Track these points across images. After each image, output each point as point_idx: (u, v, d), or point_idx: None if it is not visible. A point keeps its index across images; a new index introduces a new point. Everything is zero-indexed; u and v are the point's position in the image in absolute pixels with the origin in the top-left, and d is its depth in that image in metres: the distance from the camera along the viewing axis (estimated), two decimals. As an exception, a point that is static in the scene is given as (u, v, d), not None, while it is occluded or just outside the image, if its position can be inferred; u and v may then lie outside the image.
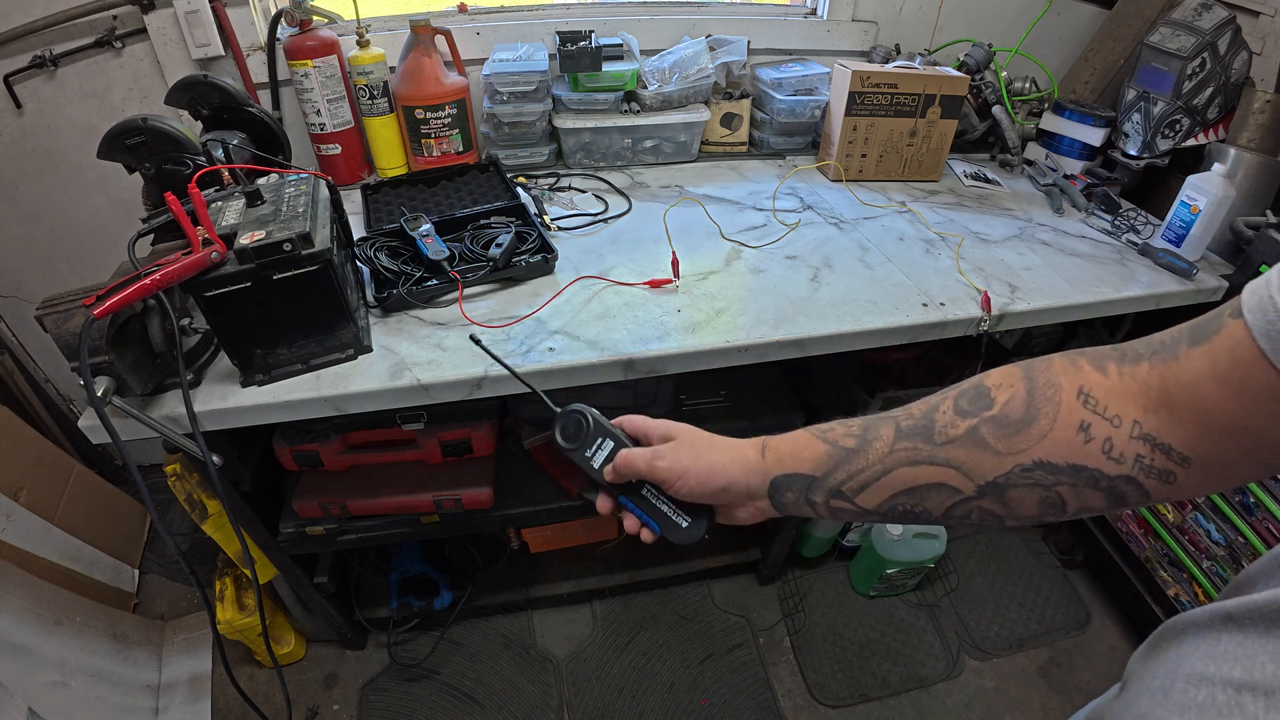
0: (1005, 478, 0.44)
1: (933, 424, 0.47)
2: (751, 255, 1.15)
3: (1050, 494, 0.43)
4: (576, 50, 1.30)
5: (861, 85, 1.31)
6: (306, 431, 1.10)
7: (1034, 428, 0.43)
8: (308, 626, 1.49)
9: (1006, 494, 0.44)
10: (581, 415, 0.60)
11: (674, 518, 0.57)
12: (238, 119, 1.08)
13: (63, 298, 0.76)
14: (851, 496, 0.49)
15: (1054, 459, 0.42)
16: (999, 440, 0.44)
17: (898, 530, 1.52)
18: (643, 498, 0.58)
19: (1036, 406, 0.43)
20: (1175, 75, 1.26)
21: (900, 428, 0.48)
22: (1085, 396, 0.42)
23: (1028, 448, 0.43)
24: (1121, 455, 0.41)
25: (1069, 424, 0.42)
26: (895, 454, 0.48)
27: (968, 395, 0.47)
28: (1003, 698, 1.48)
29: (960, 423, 0.46)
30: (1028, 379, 0.45)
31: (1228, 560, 1.25)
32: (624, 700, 1.46)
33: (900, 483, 0.47)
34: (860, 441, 0.49)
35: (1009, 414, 0.44)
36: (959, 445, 0.45)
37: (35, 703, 1.11)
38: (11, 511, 1.32)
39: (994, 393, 0.46)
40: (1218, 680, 0.33)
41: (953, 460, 0.45)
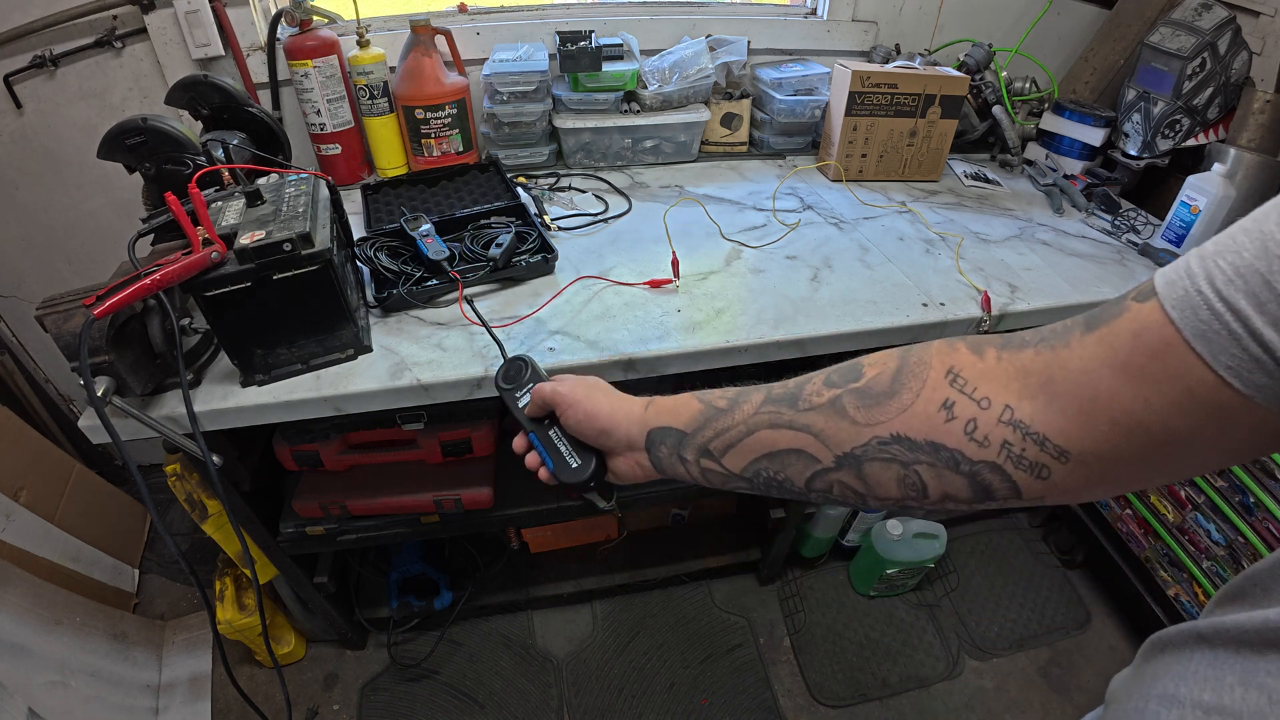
0: (863, 450, 0.43)
1: (800, 392, 0.47)
2: (751, 255, 1.15)
3: (909, 473, 0.42)
4: (576, 50, 1.30)
5: (861, 85, 1.31)
6: (306, 431, 1.10)
7: (895, 401, 0.42)
8: (308, 626, 1.49)
9: (864, 467, 0.43)
10: (524, 362, 0.69)
11: (567, 458, 0.61)
12: (238, 119, 1.08)
13: (63, 298, 0.76)
14: (718, 456, 0.50)
15: (912, 434, 0.41)
16: (859, 411, 0.43)
17: (898, 530, 1.52)
18: (547, 437, 0.63)
19: (901, 381, 0.43)
20: (1175, 75, 1.26)
21: (771, 394, 0.49)
22: (954, 376, 0.41)
23: (887, 420, 0.42)
24: (986, 439, 0.39)
25: (932, 400, 0.41)
26: (759, 416, 0.48)
27: (840, 370, 0.47)
28: (1003, 698, 1.48)
29: (825, 392, 0.46)
30: (900, 357, 0.44)
31: (1228, 560, 1.25)
32: (624, 700, 1.46)
33: (761, 446, 0.48)
34: (731, 403, 0.51)
35: (873, 387, 0.44)
36: (819, 412, 0.45)
37: (35, 702, 1.11)
38: (11, 511, 1.32)
39: (865, 368, 0.45)
40: (1188, 702, 0.32)
41: (812, 426, 0.45)
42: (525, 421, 0.66)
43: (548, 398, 0.61)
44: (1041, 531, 1.83)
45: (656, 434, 0.54)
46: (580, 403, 0.59)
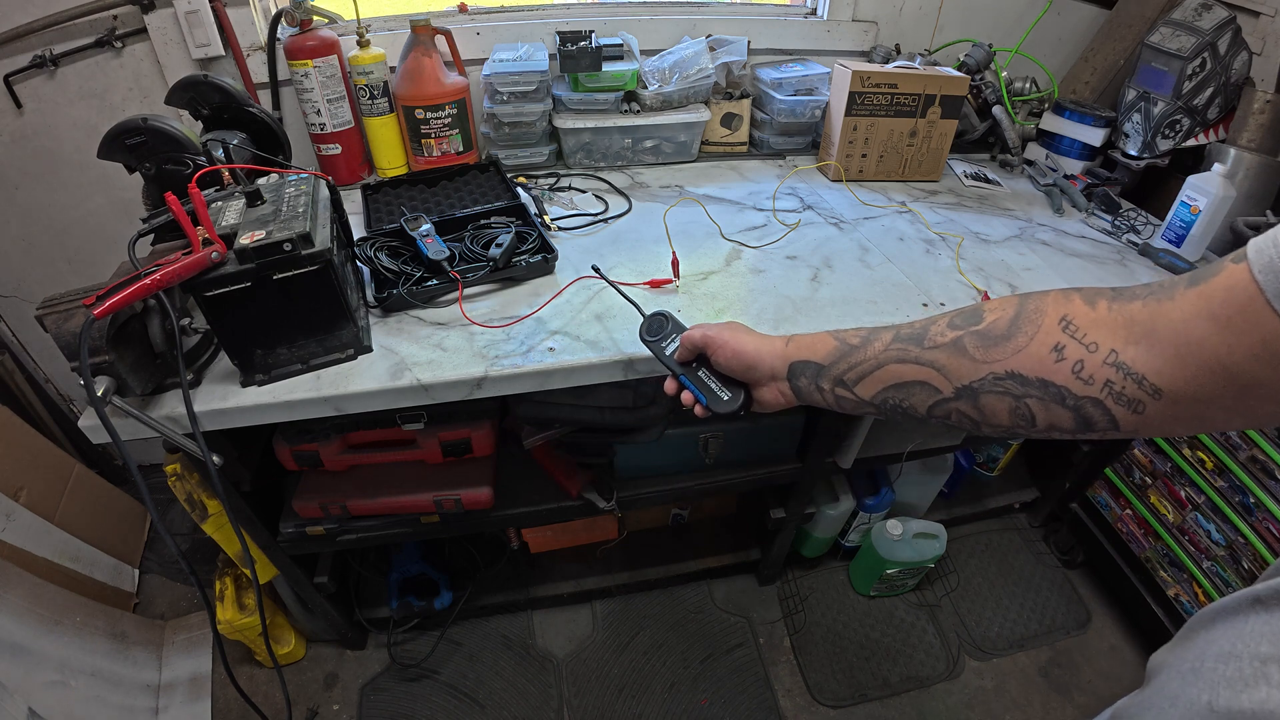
0: (979, 383, 0.50)
1: (925, 332, 0.54)
2: (752, 255, 1.15)
3: (1020, 405, 0.48)
4: (576, 50, 1.30)
5: (861, 85, 1.31)
6: (306, 431, 1.10)
7: (1011, 343, 0.48)
8: (308, 626, 1.49)
9: (980, 399, 0.50)
10: (663, 316, 0.79)
11: (718, 392, 0.70)
12: (238, 119, 1.08)
13: (63, 298, 0.76)
14: (851, 385, 0.59)
15: (1025, 372, 0.47)
16: (978, 350, 0.50)
17: (898, 530, 1.52)
18: (697, 377, 0.72)
19: (1018, 326, 0.48)
20: (1175, 75, 1.26)
21: (899, 333, 0.56)
22: (1066, 323, 0.46)
23: (1003, 359, 0.48)
24: (1091, 378, 0.44)
25: (1044, 343, 0.46)
26: (889, 352, 0.56)
27: (963, 313, 0.53)
28: (1003, 698, 1.48)
29: (949, 333, 0.52)
30: (1019, 303, 0.50)
31: (1228, 560, 1.25)
32: (624, 700, 1.46)
33: (890, 377, 0.55)
34: (863, 340, 0.58)
35: (992, 330, 0.50)
36: (943, 350, 0.52)
37: (35, 702, 1.11)
38: (11, 511, 1.32)
39: (985, 312, 0.51)
40: (1245, 655, 0.35)
41: (935, 362, 0.52)
42: (674, 366, 0.74)
43: (698, 342, 0.70)
44: (1041, 531, 1.83)
45: (797, 366, 0.63)
46: (728, 343, 0.67)
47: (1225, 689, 0.35)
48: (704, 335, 0.69)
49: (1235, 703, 0.34)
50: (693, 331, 0.71)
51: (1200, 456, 1.28)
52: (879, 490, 1.58)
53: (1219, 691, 0.35)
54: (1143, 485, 1.43)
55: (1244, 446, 1.19)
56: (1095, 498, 1.58)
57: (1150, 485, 1.41)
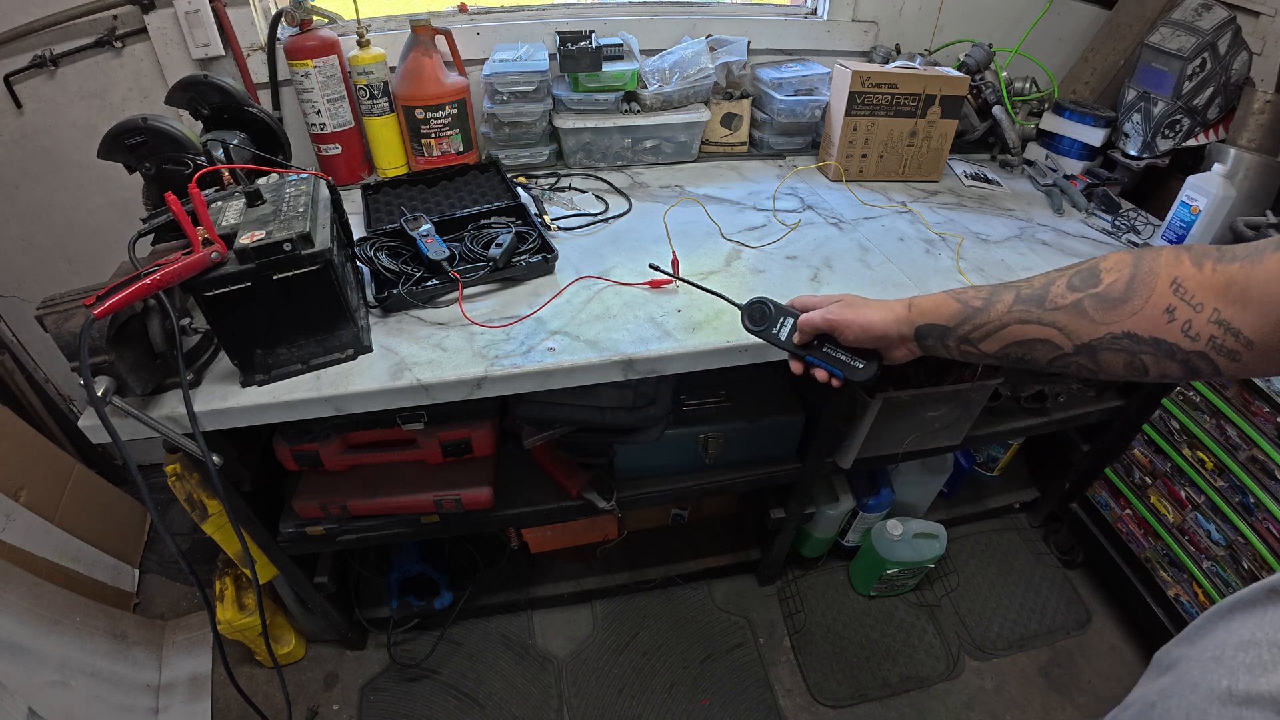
0: (1098, 342, 0.56)
1: (1046, 294, 0.59)
2: (752, 255, 1.15)
3: (1135, 359, 0.54)
4: (576, 50, 1.30)
5: (861, 85, 1.31)
6: (306, 431, 1.10)
7: (1128, 305, 0.54)
8: (308, 626, 1.49)
9: (1099, 355, 0.56)
10: (763, 303, 0.80)
11: (851, 363, 0.74)
12: (238, 119, 1.08)
13: (63, 298, 0.76)
14: (976, 343, 0.64)
15: (1140, 332, 0.53)
16: (1097, 312, 0.55)
17: (898, 530, 1.52)
18: (824, 354, 0.75)
19: (1134, 289, 0.53)
20: (1175, 75, 1.26)
21: (1020, 294, 0.61)
22: (1177, 285, 0.51)
23: (1120, 320, 0.54)
24: (1198, 335, 0.50)
25: (1158, 306, 0.52)
26: (1012, 313, 0.61)
27: (1081, 274, 0.57)
28: (1003, 698, 1.48)
29: (1069, 295, 0.57)
30: (1134, 265, 0.54)
31: (1228, 560, 1.25)
32: (624, 700, 1.46)
33: (1014, 336, 0.61)
34: (985, 303, 0.63)
35: (1110, 293, 0.55)
36: (1064, 312, 0.57)
37: (35, 702, 1.11)
38: (11, 511, 1.32)
39: (1103, 274, 0.56)
40: (1264, 643, 0.37)
41: (1057, 323, 0.58)
42: (796, 350, 0.77)
43: (821, 326, 0.74)
44: (1041, 531, 1.83)
45: (924, 329, 0.69)
46: (854, 321, 0.72)
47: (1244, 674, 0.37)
48: (826, 319, 0.73)
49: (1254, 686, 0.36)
50: (812, 316, 0.74)
51: (1200, 456, 1.28)
52: (879, 490, 1.58)
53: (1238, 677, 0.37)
54: (1143, 485, 1.43)
55: (1244, 446, 1.19)
56: (1095, 498, 1.58)
57: (1150, 485, 1.41)
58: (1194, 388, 1.27)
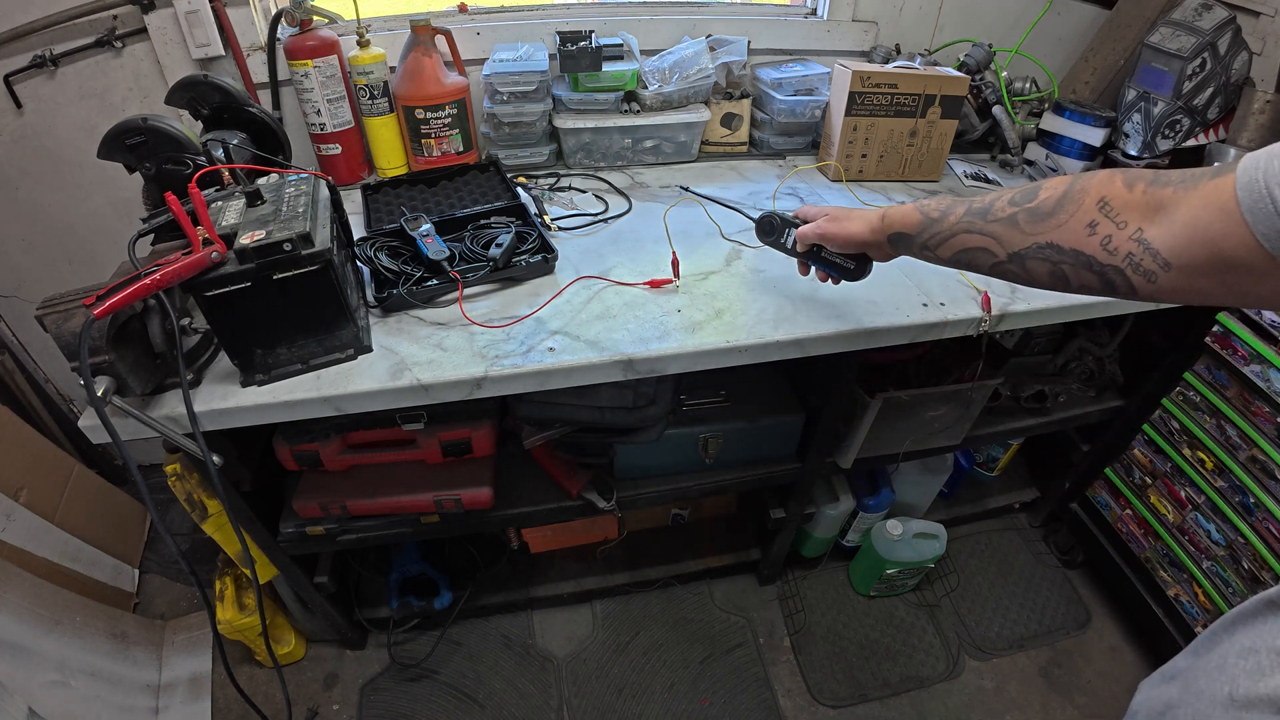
0: (1025, 251, 0.61)
1: (990, 207, 0.65)
2: (752, 255, 1.15)
3: (1056, 269, 0.59)
4: (577, 50, 1.30)
5: (861, 85, 1.31)
6: (306, 431, 1.10)
7: (1054, 219, 0.58)
8: (308, 626, 1.49)
9: (1026, 263, 0.62)
10: (772, 216, 0.95)
11: (844, 264, 0.88)
12: (238, 119, 1.08)
13: (63, 298, 0.76)
14: (934, 249, 0.72)
15: (1062, 243, 0.58)
16: (1028, 224, 0.61)
17: (898, 530, 1.52)
18: (821, 258, 0.90)
19: (1062, 205, 0.58)
20: (1175, 75, 1.26)
21: (971, 207, 0.68)
22: (1104, 203, 0.55)
23: (1045, 232, 0.59)
24: (1115, 250, 0.54)
25: (1081, 220, 0.56)
26: (961, 223, 0.68)
27: (1023, 191, 0.63)
28: (1003, 698, 1.48)
29: (1008, 209, 0.63)
30: (1069, 184, 0.59)
31: (1228, 560, 1.25)
32: (624, 700, 1.46)
33: (961, 244, 0.69)
34: (941, 215, 0.71)
35: (1041, 207, 0.60)
36: (1001, 224, 0.63)
37: (35, 702, 1.11)
38: (11, 511, 1.32)
39: (1040, 191, 0.61)
40: (1263, 650, 0.40)
41: (994, 233, 0.64)
42: (800, 255, 0.92)
43: (812, 238, 0.88)
44: (1041, 531, 1.83)
45: (893, 237, 0.78)
46: (838, 234, 0.84)
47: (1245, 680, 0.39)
48: (816, 232, 0.86)
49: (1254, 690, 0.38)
50: (805, 231, 0.88)
51: (1200, 456, 1.28)
52: (879, 490, 1.58)
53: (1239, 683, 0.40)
54: (1143, 485, 1.43)
55: (1244, 446, 1.19)
56: (1095, 498, 1.58)
57: (1150, 485, 1.41)
58: (1194, 387, 1.27)
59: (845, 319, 1.00)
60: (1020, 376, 1.44)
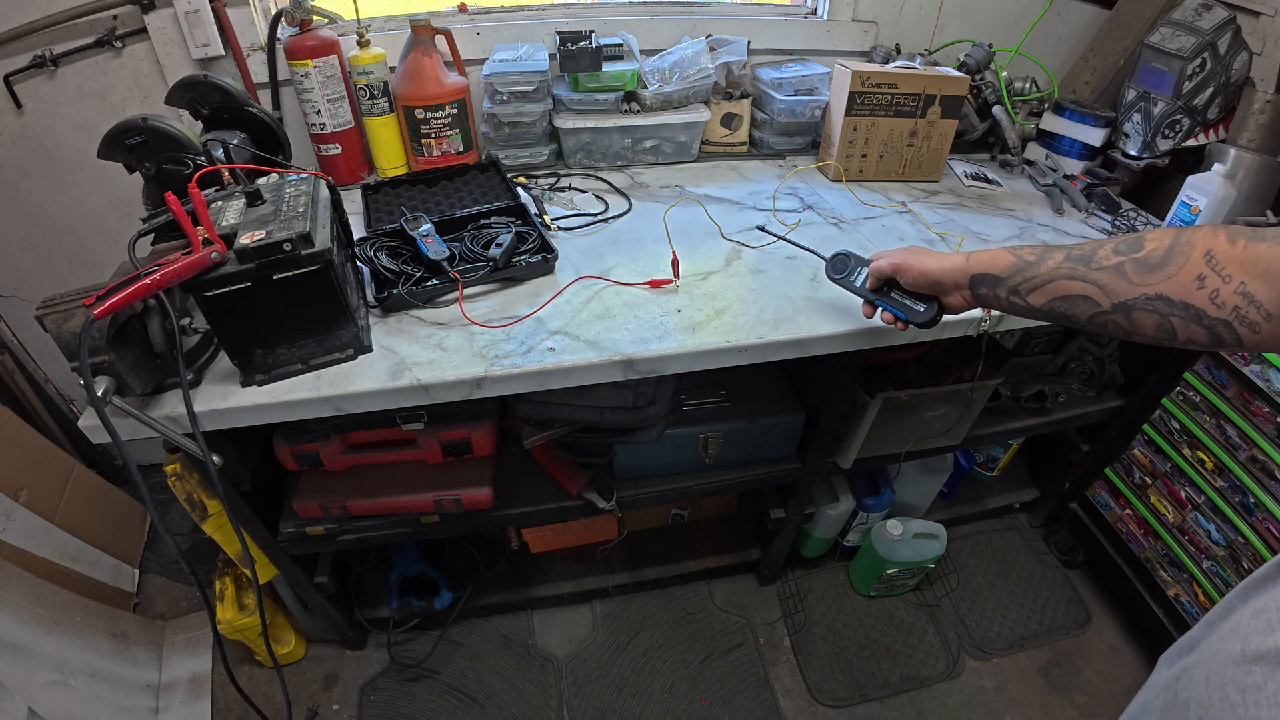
0: (1134, 301, 0.61)
1: (1094, 255, 0.65)
2: (752, 255, 1.15)
3: (1165, 321, 0.60)
4: (576, 50, 1.30)
5: (862, 85, 1.31)
6: (306, 431, 1.10)
7: (1164, 270, 0.59)
8: (308, 626, 1.49)
9: (1133, 314, 0.62)
10: (844, 255, 0.94)
11: (914, 306, 0.84)
12: (238, 119, 1.08)
13: (63, 298, 0.76)
14: (1024, 295, 0.70)
15: (1172, 295, 0.58)
16: (1136, 275, 0.61)
17: (898, 530, 1.52)
18: (891, 299, 0.86)
19: (1171, 256, 0.59)
20: (1175, 75, 1.26)
21: (1070, 254, 0.67)
22: (1210, 257, 0.56)
23: (1155, 283, 0.59)
24: (1223, 303, 0.56)
25: (1190, 273, 0.57)
26: (1060, 269, 0.67)
27: (1127, 241, 0.63)
28: (1003, 698, 1.48)
29: (1113, 258, 0.63)
30: (1175, 236, 0.60)
31: (1228, 560, 1.25)
32: (624, 700, 1.46)
33: (1059, 291, 0.67)
34: (1037, 259, 0.69)
35: (1149, 258, 0.60)
36: (1106, 273, 0.63)
37: (35, 702, 1.11)
38: (11, 511, 1.32)
39: (1146, 243, 0.61)
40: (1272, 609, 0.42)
41: (1099, 281, 0.63)
42: (868, 294, 0.89)
43: (887, 271, 0.85)
44: (1041, 531, 1.83)
45: (978, 278, 0.75)
46: (914, 267, 0.81)
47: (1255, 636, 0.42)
48: (891, 264, 0.84)
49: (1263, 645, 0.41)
50: (880, 263, 0.85)
51: (1200, 456, 1.28)
52: (879, 490, 1.58)
53: (1250, 639, 0.42)
54: (1143, 485, 1.43)
55: (1244, 446, 1.19)
56: (1095, 498, 1.58)
57: (1150, 485, 1.41)
58: (1194, 387, 1.27)
59: (845, 319, 1.00)
60: (1020, 376, 1.44)
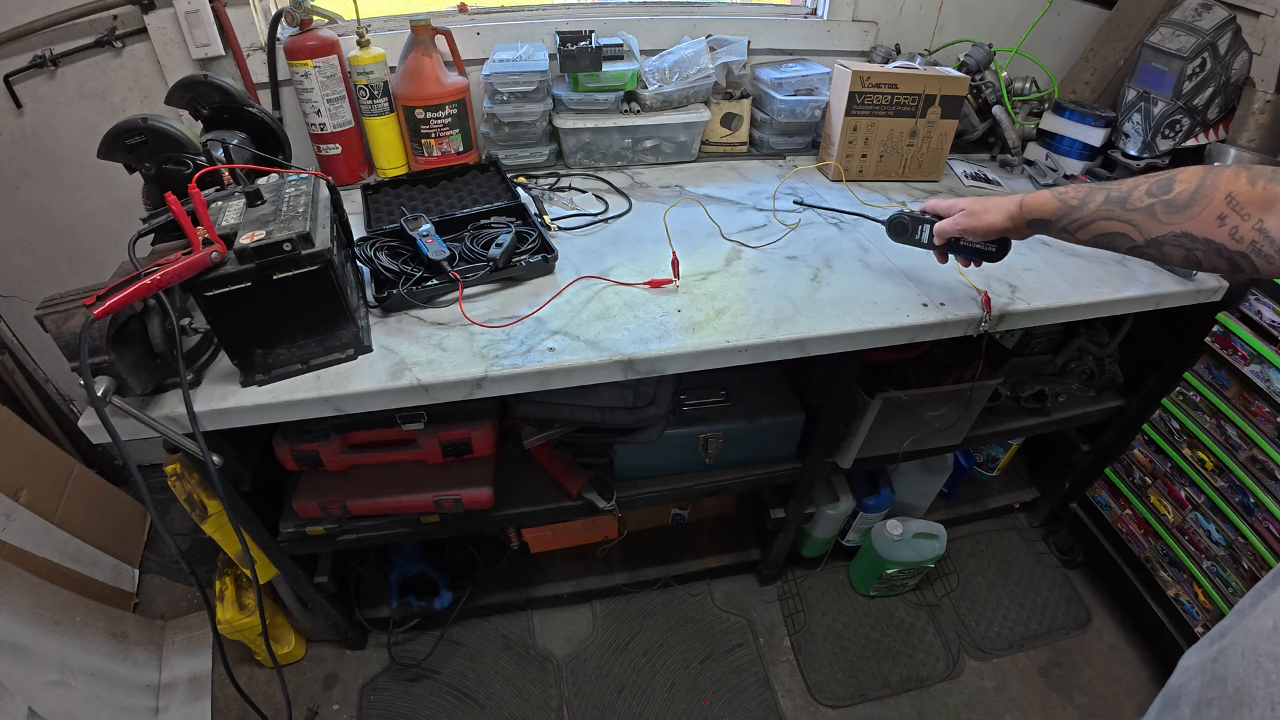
0: (1163, 238, 0.73)
1: (1129, 196, 0.75)
2: (752, 255, 1.15)
3: (1190, 254, 0.71)
4: (577, 50, 1.30)
5: (862, 85, 1.31)
6: (306, 431, 1.10)
7: (1189, 211, 0.69)
8: (308, 626, 1.49)
9: (1163, 248, 0.73)
10: (900, 215, 1.00)
11: (986, 248, 0.95)
12: (238, 119, 1.08)
13: (63, 298, 0.76)
14: (1073, 233, 0.83)
15: (1195, 232, 0.69)
16: (1165, 215, 0.72)
17: (898, 530, 1.52)
18: (960, 247, 0.96)
19: (1196, 198, 0.69)
20: (1175, 75, 1.26)
21: (1109, 195, 0.78)
22: (1231, 198, 0.66)
23: (1181, 222, 0.70)
24: (1241, 238, 0.66)
25: (1212, 213, 0.67)
26: (1101, 210, 0.78)
27: (1159, 183, 0.73)
28: (1003, 698, 1.48)
29: (1145, 200, 0.74)
30: (1200, 179, 0.69)
31: (1228, 560, 1.25)
32: (624, 700, 1.46)
33: (1101, 229, 0.79)
34: (1081, 202, 0.81)
35: (1177, 200, 0.71)
36: (1140, 213, 0.74)
37: (35, 702, 1.11)
38: (11, 511, 1.32)
39: (1175, 185, 0.71)
40: None
41: (1134, 221, 0.75)
42: (938, 250, 0.98)
43: (952, 232, 0.94)
44: (1041, 531, 1.83)
45: (1033, 222, 0.87)
46: (979, 226, 0.91)
47: None
48: (957, 227, 0.93)
49: None
50: (944, 226, 0.94)
51: (1200, 456, 1.28)
52: (879, 490, 1.58)
53: None
54: (1143, 485, 1.43)
55: (1244, 446, 1.19)
56: (1095, 498, 1.58)
57: (1150, 485, 1.41)
58: (1194, 387, 1.27)
59: (845, 319, 1.00)
60: (1020, 376, 1.44)
